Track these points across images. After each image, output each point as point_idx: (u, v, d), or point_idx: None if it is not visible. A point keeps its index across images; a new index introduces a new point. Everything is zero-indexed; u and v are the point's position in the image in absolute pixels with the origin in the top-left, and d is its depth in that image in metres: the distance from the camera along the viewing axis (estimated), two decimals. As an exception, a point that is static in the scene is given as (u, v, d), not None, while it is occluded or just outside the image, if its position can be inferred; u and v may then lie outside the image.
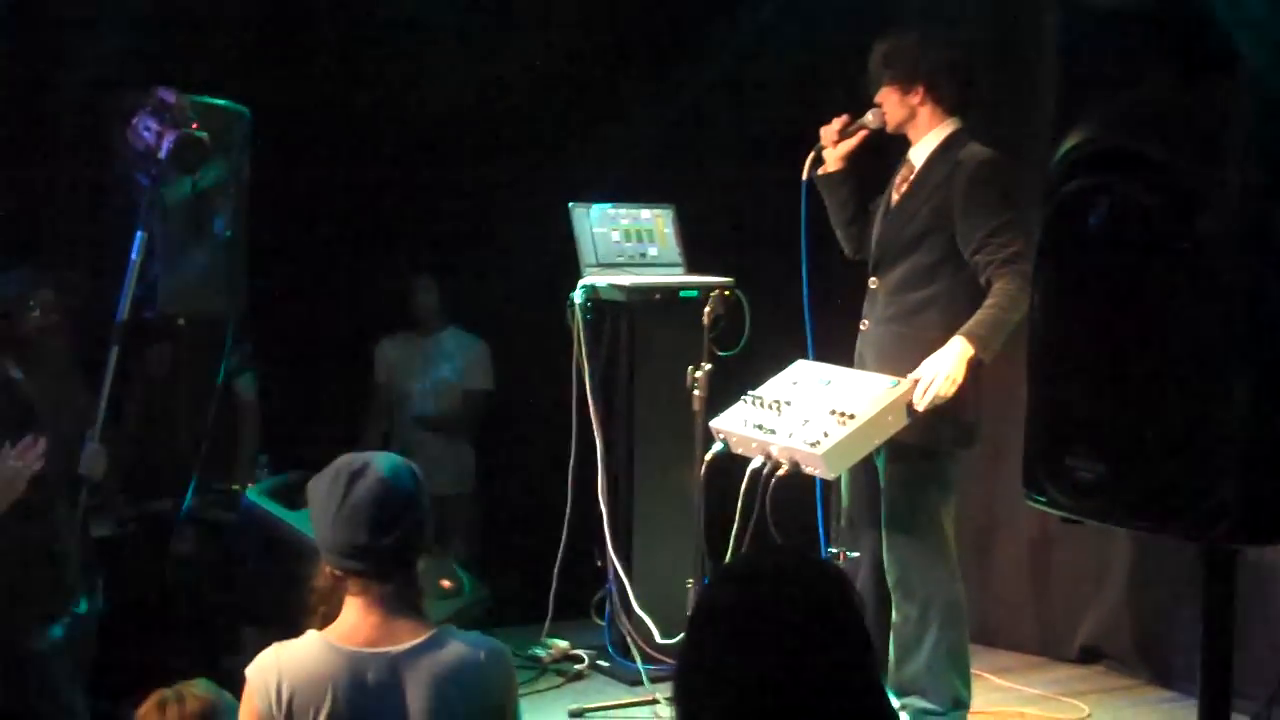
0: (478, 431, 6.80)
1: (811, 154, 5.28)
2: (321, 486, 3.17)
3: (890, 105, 5.09)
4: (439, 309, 6.81)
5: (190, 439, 5.63)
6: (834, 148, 5.25)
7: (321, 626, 3.15)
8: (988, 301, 4.86)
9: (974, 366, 4.81)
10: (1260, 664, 4.63)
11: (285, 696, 3.03)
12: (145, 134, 5.00)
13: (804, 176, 5.27)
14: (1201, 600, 2.79)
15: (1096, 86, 2.80)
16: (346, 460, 3.20)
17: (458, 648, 3.11)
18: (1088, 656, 5.99)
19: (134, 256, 4.93)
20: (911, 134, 5.11)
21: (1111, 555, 5.86)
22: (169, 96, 5.00)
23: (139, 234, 4.94)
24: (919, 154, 5.09)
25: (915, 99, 5.05)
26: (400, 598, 3.14)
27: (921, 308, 5.01)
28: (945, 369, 4.76)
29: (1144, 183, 2.63)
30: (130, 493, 5.76)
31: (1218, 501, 2.58)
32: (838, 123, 5.23)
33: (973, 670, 5.10)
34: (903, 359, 4.95)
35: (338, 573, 3.14)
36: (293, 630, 3.20)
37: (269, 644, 3.19)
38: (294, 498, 5.69)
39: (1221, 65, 2.55)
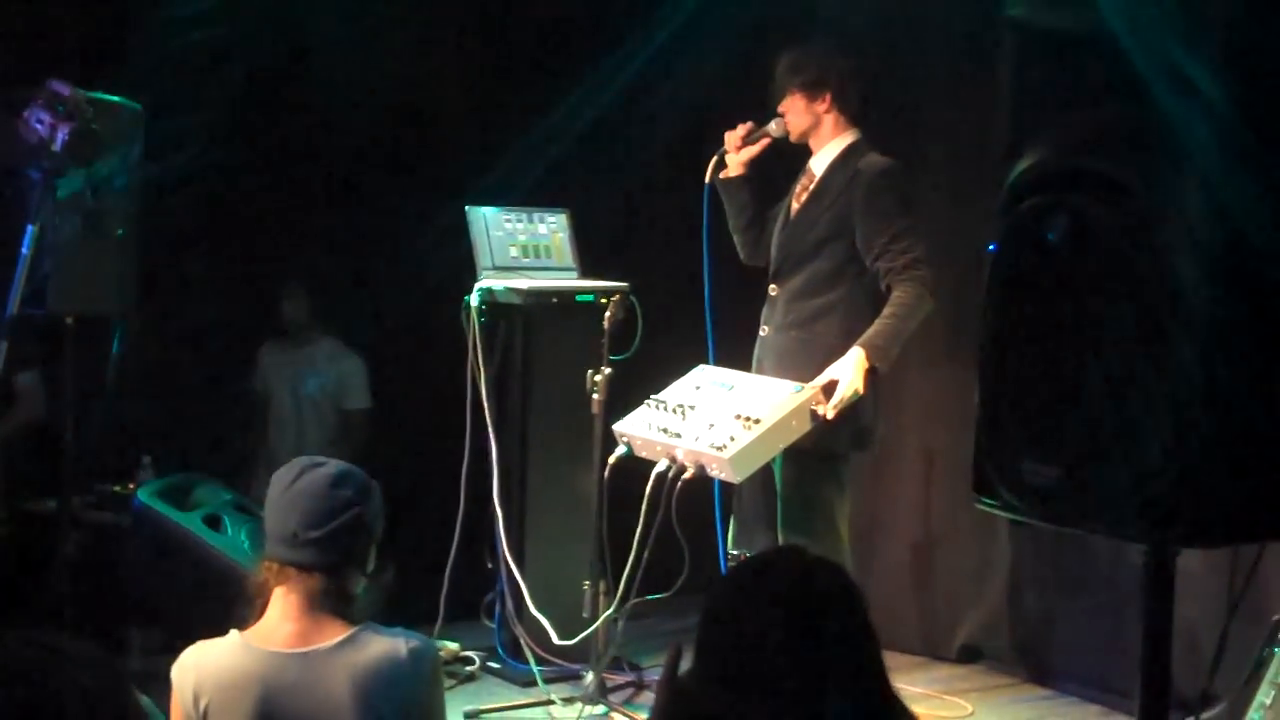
0: (361, 451, 6.67)
1: (714, 158, 5.38)
2: (279, 475, 3.22)
3: (795, 113, 5.21)
4: (308, 319, 6.70)
5: (75, 439, 5.51)
6: (736, 153, 5.36)
7: (244, 627, 3.15)
8: (886, 310, 5.00)
9: (869, 374, 4.94)
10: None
11: (203, 700, 3.05)
12: (37, 126, 4.89)
13: (706, 180, 5.37)
14: (1144, 605, 2.90)
15: (1051, 107, 2.90)
16: (309, 457, 3.25)
17: (379, 644, 3.11)
18: (968, 655, 6.15)
19: (24, 250, 4.83)
20: (813, 143, 5.23)
21: (991, 557, 6.02)
22: (62, 89, 4.89)
23: (30, 227, 4.84)
24: (820, 163, 5.21)
25: (821, 107, 5.19)
26: (326, 598, 3.14)
27: (821, 314, 5.12)
28: (848, 378, 4.87)
29: (1101, 200, 2.74)
30: (9, 493, 5.66)
31: (1168, 506, 2.68)
32: (742, 129, 5.34)
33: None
34: (802, 365, 5.06)
35: (273, 565, 3.16)
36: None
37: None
38: (184, 499, 5.64)
39: (1178, 88, 2.65)
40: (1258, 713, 4.38)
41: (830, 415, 4.86)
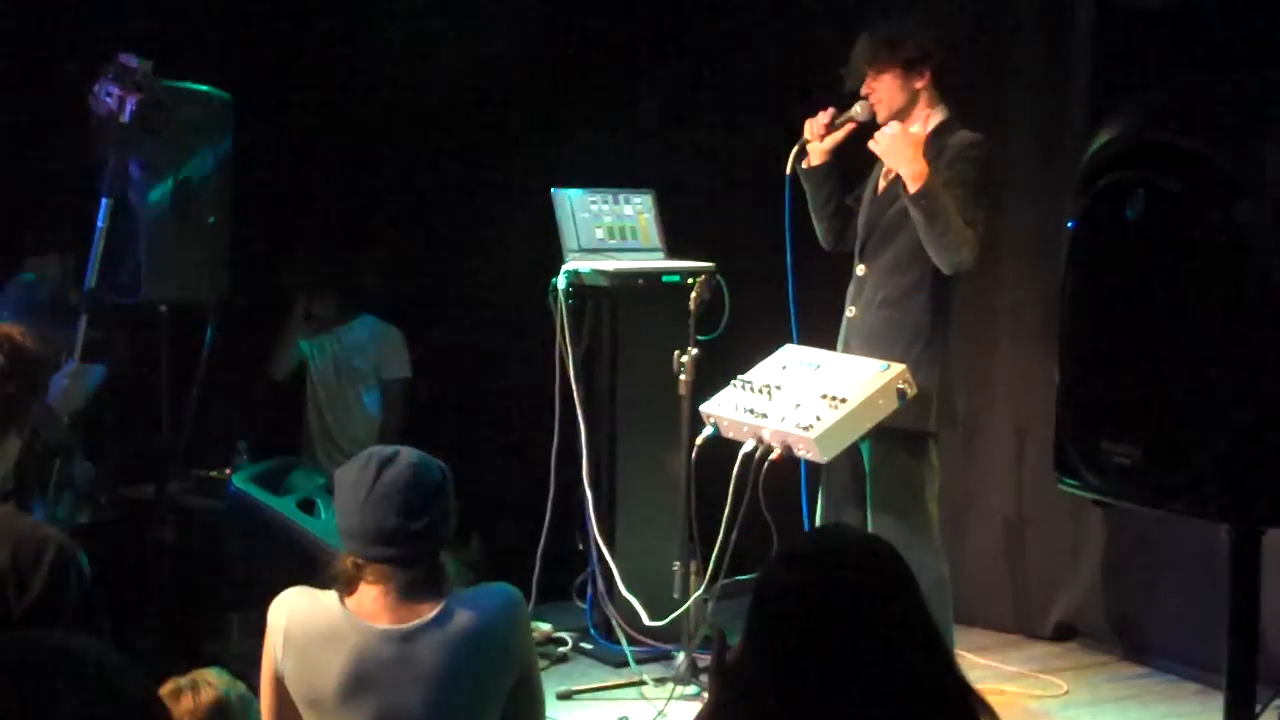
0: (402, 422, 6.61)
1: (795, 147, 5.27)
2: (350, 474, 3.22)
3: (889, 91, 5.06)
4: (338, 313, 6.62)
5: (171, 427, 5.60)
6: (820, 141, 5.25)
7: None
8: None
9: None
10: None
11: (289, 643, 3.13)
12: (107, 99, 4.94)
13: (787, 171, 5.27)
14: (1229, 583, 2.87)
15: (1129, 80, 2.87)
16: (375, 449, 3.27)
17: (467, 616, 3.15)
18: (1063, 634, 6.10)
19: (100, 224, 4.89)
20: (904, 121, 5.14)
21: (1085, 535, 5.96)
22: (130, 61, 4.93)
23: (104, 200, 4.90)
24: None
25: (919, 84, 5.06)
26: (424, 585, 3.19)
27: (909, 291, 5.06)
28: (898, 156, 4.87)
29: (1180, 175, 2.70)
30: (110, 479, 5.76)
31: (1251, 485, 2.65)
32: (824, 116, 5.23)
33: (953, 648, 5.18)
34: (891, 344, 5.03)
35: (359, 561, 3.19)
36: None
37: (252, 628, 3.24)
38: (278, 483, 5.72)
39: (1257, 57, 2.61)
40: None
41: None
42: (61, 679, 1.70)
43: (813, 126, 5.25)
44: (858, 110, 5.17)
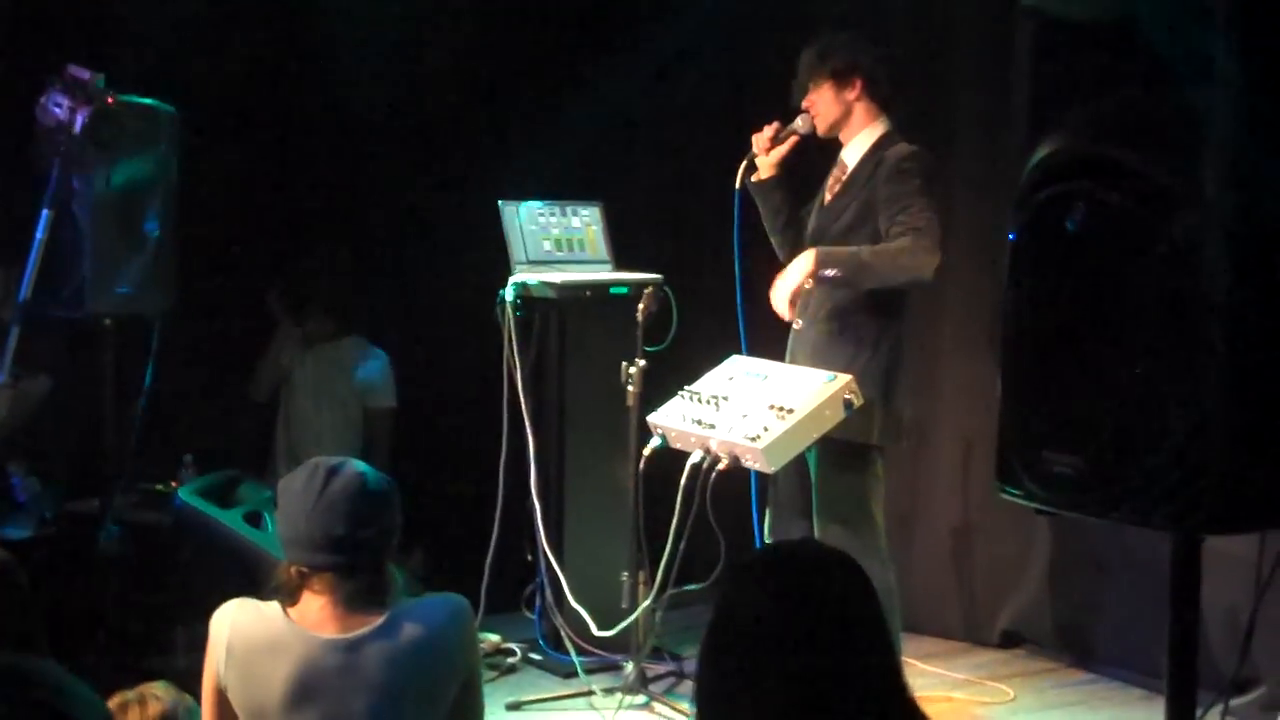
0: (388, 450, 6.58)
1: (744, 162, 5.33)
2: (297, 482, 3.22)
3: (825, 104, 5.16)
4: (334, 329, 6.57)
5: (116, 440, 5.57)
6: (766, 155, 5.32)
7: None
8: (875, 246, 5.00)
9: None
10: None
11: (233, 653, 3.12)
12: (55, 110, 4.91)
13: (737, 185, 5.33)
14: (1170, 590, 2.91)
15: (1068, 95, 2.90)
16: (321, 458, 3.27)
17: (413, 627, 3.16)
18: (1010, 641, 6.14)
19: (39, 235, 4.86)
20: (844, 135, 5.19)
21: (1031, 543, 6.00)
22: (81, 73, 4.90)
23: (45, 212, 4.86)
24: (852, 154, 5.19)
25: (851, 95, 5.14)
26: (369, 593, 3.20)
27: (854, 304, 5.10)
28: (790, 271, 4.99)
29: (1120, 187, 2.73)
30: (54, 493, 5.72)
31: (1192, 493, 2.68)
32: (769, 130, 5.29)
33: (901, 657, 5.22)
34: (835, 357, 5.06)
35: (304, 570, 3.18)
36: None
37: (199, 642, 3.24)
38: (226, 496, 5.68)
39: (1196, 72, 2.65)
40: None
41: (777, 304, 5.01)
42: (13, 701, 1.69)
43: (759, 141, 5.31)
44: (799, 123, 5.24)
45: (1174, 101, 2.69)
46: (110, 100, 4.89)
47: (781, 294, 5.01)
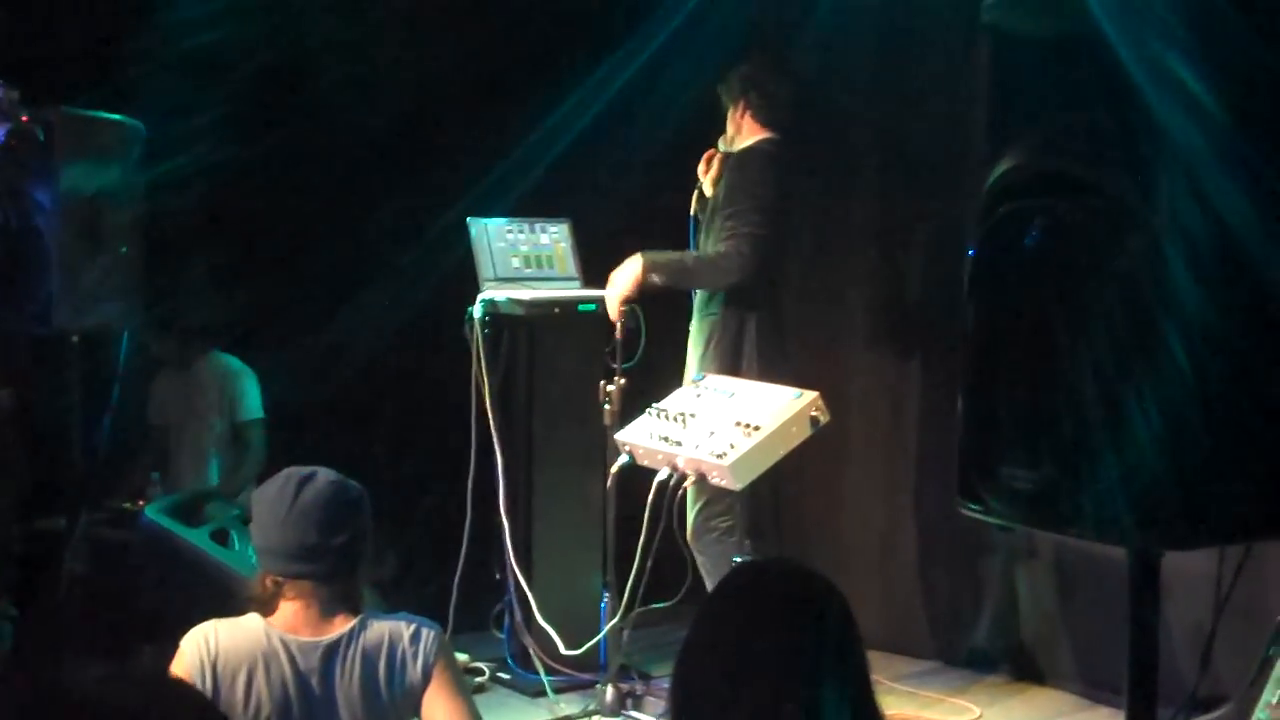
0: (261, 463, 6.42)
1: (695, 192, 5.73)
2: (269, 493, 3.27)
3: (730, 123, 5.66)
4: (179, 352, 6.45)
5: (82, 456, 5.54)
6: (705, 178, 5.72)
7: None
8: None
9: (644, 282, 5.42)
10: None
11: (222, 670, 3.13)
12: None
13: (691, 213, 5.74)
14: (1129, 606, 2.91)
15: (1028, 111, 2.91)
16: (293, 468, 3.30)
17: (381, 629, 3.22)
18: (977, 660, 6.13)
19: None
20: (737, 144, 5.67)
21: (997, 561, 6.01)
22: None
23: None
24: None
25: (739, 113, 5.63)
26: (343, 600, 3.25)
27: (711, 297, 5.55)
28: (616, 279, 5.46)
29: (1077, 203, 2.74)
30: (19, 510, 5.68)
31: (1147, 509, 2.69)
32: (705, 155, 5.74)
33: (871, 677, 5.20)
34: (702, 347, 5.54)
35: (279, 579, 3.23)
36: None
37: (165, 660, 3.24)
38: (193, 514, 5.65)
39: (1155, 87, 2.66)
40: (1263, 713, 4.35)
41: (609, 308, 5.46)
42: None
43: (701, 168, 5.75)
44: (720, 144, 5.72)
45: (1132, 118, 2.69)
46: (25, 119, 4.84)
47: (611, 299, 5.46)
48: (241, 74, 6.27)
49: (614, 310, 5.43)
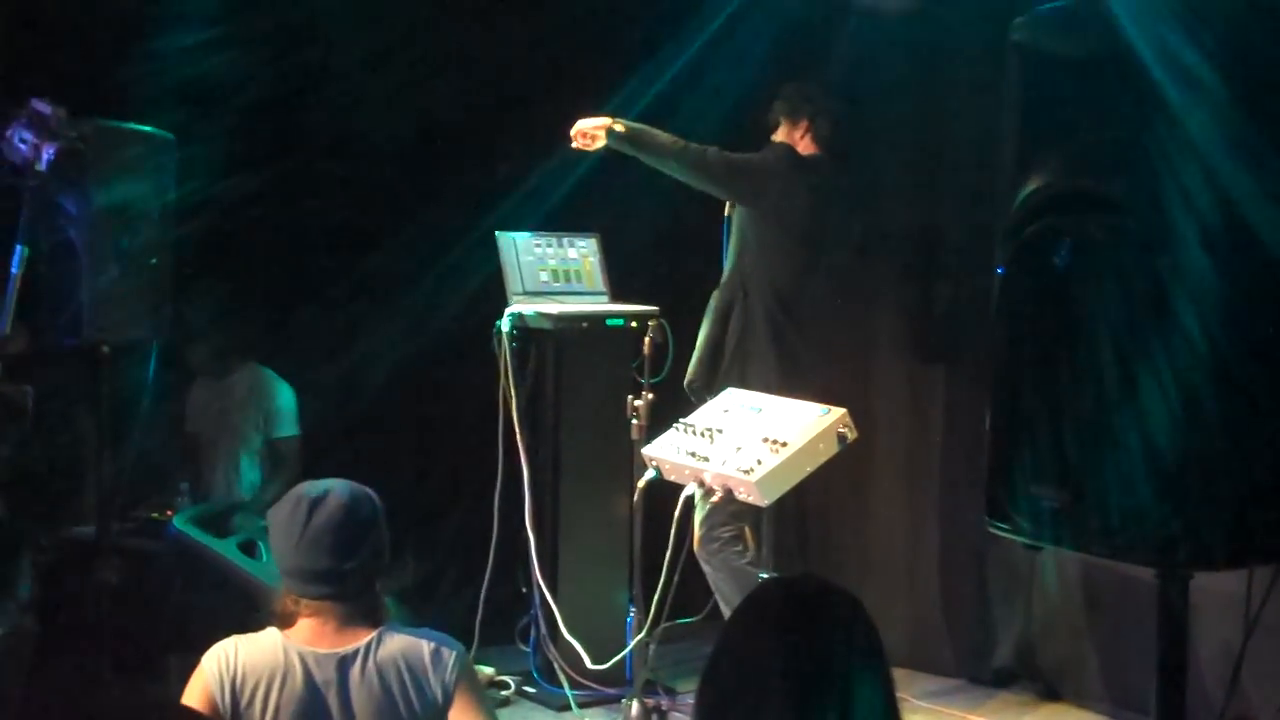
0: (294, 481, 6.34)
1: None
2: (282, 514, 3.26)
3: (782, 135, 5.72)
4: (211, 360, 6.40)
5: (113, 466, 5.56)
6: None
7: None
8: None
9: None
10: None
11: (245, 686, 3.14)
12: (21, 146, 4.90)
13: (725, 214, 5.69)
14: (1157, 627, 2.89)
15: (1056, 130, 2.90)
16: (306, 487, 3.29)
17: (400, 642, 3.23)
18: (1004, 679, 6.10)
19: (14, 270, 4.85)
20: None
21: (1026, 580, 5.98)
22: (44, 108, 4.89)
23: (19, 248, 4.86)
24: None
25: (798, 133, 5.70)
26: (362, 616, 3.25)
27: (718, 309, 5.68)
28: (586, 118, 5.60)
29: (1104, 224, 2.74)
30: (49, 519, 5.71)
31: (1176, 530, 2.68)
32: None
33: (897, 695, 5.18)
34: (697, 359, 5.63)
35: (298, 599, 3.23)
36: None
37: (192, 671, 3.25)
38: (221, 525, 5.68)
39: (1185, 106, 2.65)
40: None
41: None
42: None
43: None
44: None
45: (1162, 137, 2.69)
46: (74, 134, 4.88)
47: (578, 124, 5.59)
48: (273, 89, 6.30)
49: (574, 130, 5.59)
